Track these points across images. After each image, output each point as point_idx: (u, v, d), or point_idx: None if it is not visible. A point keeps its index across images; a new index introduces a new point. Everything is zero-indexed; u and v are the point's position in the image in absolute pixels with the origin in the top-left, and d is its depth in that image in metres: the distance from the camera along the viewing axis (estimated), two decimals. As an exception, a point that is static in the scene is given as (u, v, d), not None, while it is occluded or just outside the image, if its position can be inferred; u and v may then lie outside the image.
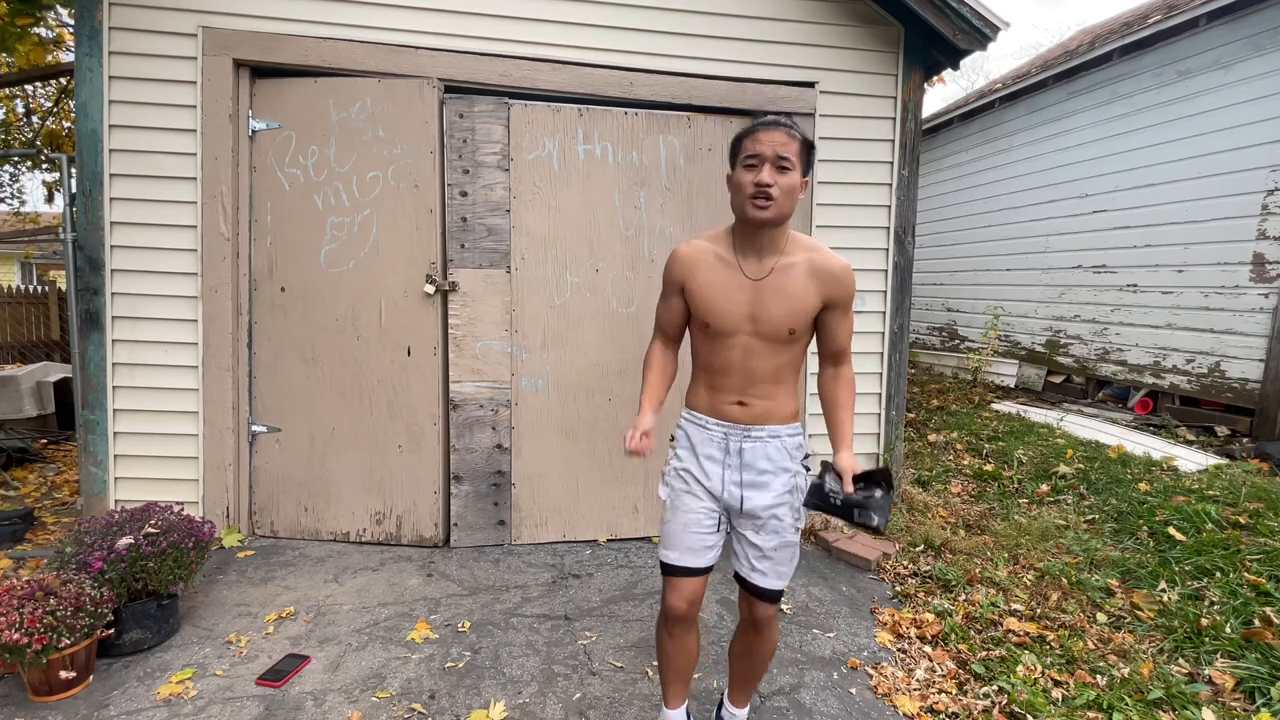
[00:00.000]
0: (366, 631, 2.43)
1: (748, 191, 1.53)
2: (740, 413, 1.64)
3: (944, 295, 8.18)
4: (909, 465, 4.36)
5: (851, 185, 3.43)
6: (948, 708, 2.07)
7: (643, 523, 3.35)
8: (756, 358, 1.62)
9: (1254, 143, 4.68)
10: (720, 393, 1.66)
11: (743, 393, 1.64)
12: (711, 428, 1.68)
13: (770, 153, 1.51)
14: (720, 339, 1.63)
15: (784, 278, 1.59)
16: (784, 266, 1.59)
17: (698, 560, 1.68)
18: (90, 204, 2.91)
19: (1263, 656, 2.22)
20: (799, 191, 1.55)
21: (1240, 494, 3.30)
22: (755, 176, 1.51)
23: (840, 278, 1.61)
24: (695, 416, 1.72)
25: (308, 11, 2.97)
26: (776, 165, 1.51)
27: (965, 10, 3.15)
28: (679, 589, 1.70)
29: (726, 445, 1.66)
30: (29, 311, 8.23)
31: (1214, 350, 4.96)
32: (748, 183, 1.53)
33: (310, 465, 3.16)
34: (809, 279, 1.59)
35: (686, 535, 1.69)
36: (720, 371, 1.65)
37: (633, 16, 3.16)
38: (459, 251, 3.12)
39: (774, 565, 1.68)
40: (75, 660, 2.02)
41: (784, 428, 1.67)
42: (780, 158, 1.51)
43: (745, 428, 1.65)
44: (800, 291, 1.59)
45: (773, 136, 1.52)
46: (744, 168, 1.55)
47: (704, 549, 1.68)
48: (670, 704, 1.84)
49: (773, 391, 1.65)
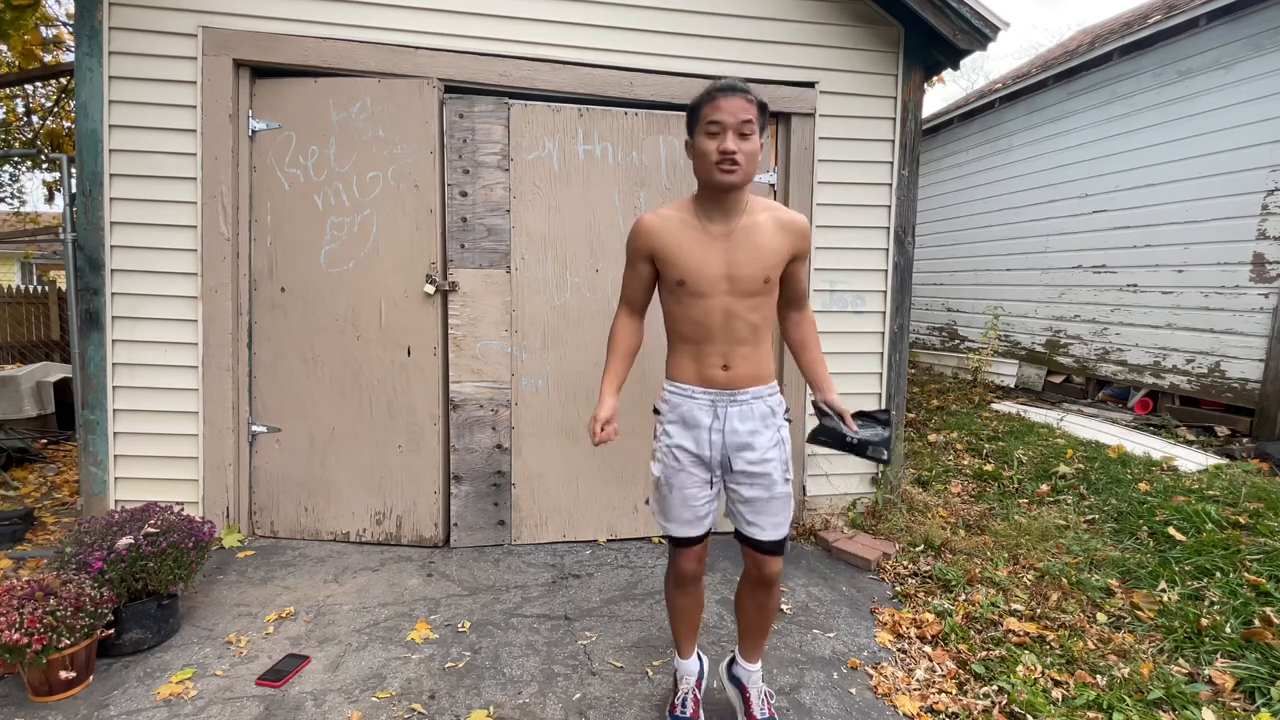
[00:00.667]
0: (366, 631, 2.43)
1: (713, 159, 1.57)
2: (725, 377, 1.71)
3: (944, 295, 8.18)
4: (909, 465, 4.35)
5: (851, 185, 3.43)
6: (948, 708, 2.07)
7: (643, 523, 3.35)
8: (735, 318, 1.68)
9: (1254, 143, 4.68)
10: (704, 359, 1.72)
11: (726, 356, 1.70)
12: (699, 396, 1.74)
13: (732, 120, 1.55)
14: (698, 301, 1.68)
15: (751, 234, 1.67)
16: (749, 224, 1.68)
17: (698, 529, 1.80)
18: (90, 204, 2.91)
19: (1263, 656, 2.22)
20: (759, 154, 1.62)
21: (1240, 494, 3.30)
22: (720, 144, 1.56)
23: (805, 231, 1.74)
24: (680, 388, 1.77)
25: (308, 11, 2.97)
26: (739, 132, 1.56)
27: (965, 10, 3.15)
28: (686, 554, 1.82)
29: (714, 410, 1.73)
30: (29, 311, 8.23)
31: (1214, 350, 4.96)
32: (712, 150, 1.57)
33: (310, 465, 3.16)
34: (777, 232, 1.69)
35: (684, 509, 1.78)
36: (703, 338, 1.71)
37: (633, 16, 3.16)
38: (459, 251, 3.12)
39: (769, 518, 1.76)
40: (75, 660, 2.02)
41: (764, 388, 1.76)
42: (742, 123, 1.55)
43: (731, 392, 1.72)
44: (770, 244, 1.67)
45: (733, 103, 1.55)
46: (706, 135, 1.59)
47: (701, 518, 1.79)
48: (685, 654, 1.97)
49: (753, 353, 1.72)
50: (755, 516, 1.76)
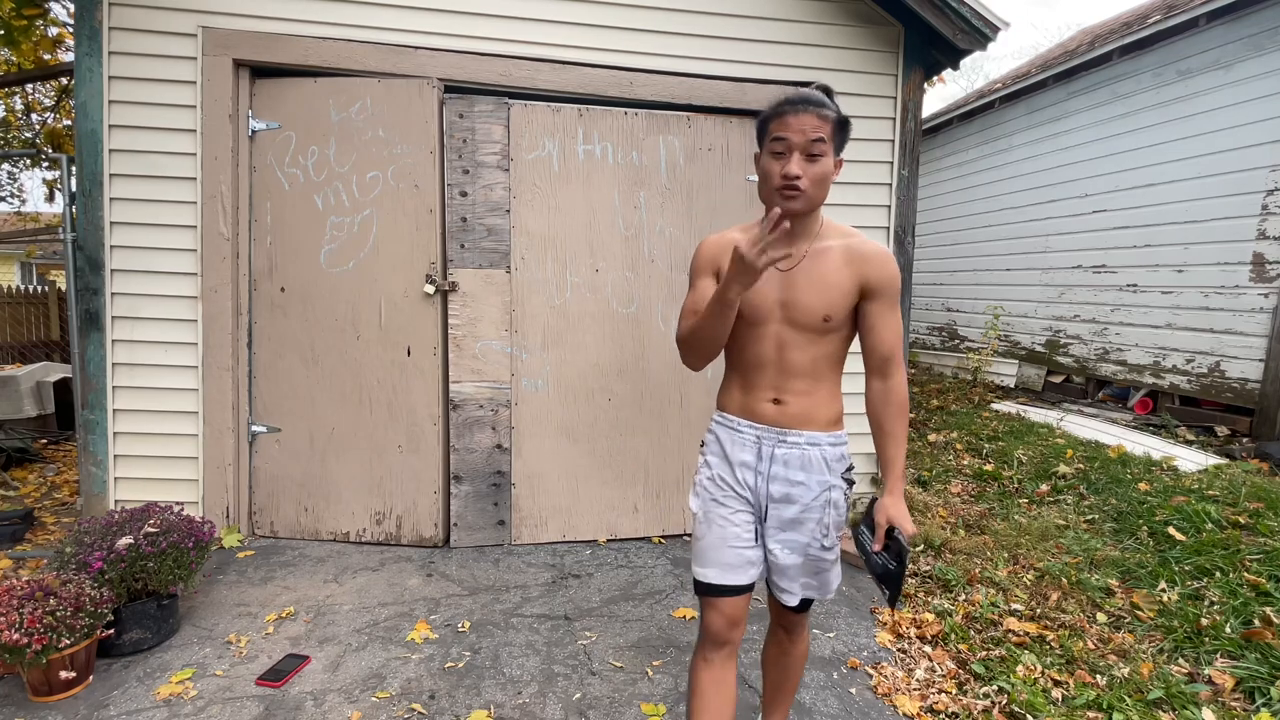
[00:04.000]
0: (366, 631, 2.43)
1: (775, 183, 1.39)
2: (775, 412, 1.49)
3: (944, 295, 8.18)
4: (909, 465, 4.35)
5: (851, 185, 3.42)
6: (948, 708, 2.07)
7: (643, 523, 3.35)
8: (791, 349, 1.46)
9: (1254, 143, 4.67)
10: (754, 390, 1.51)
11: (778, 389, 1.48)
12: (743, 429, 1.52)
13: (799, 140, 1.37)
14: (751, 329, 1.48)
15: (816, 262, 1.45)
16: (817, 251, 1.46)
17: (738, 577, 1.50)
18: (90, 204, 2.91)
19: (1263, 656, 2.22)
20: (832, 176, 1.43)
21: (1240, 494, 3.30)
22: (783, 167, 1.38)
23: (879, 260, 1.45)
24: (726, 419, 1.57)
25: (307, 11, 2.97)
26: (806, 154, 1.37)
27: (965, 10, 3.15)
28: (718, 607, 1.50)
29: (759, 450, 1.50)
30: (29, 311, 8.24)
31: (1214, 350, 4.96)
32: (775, 173, 1.39)
33: (310, 465, 3.16)
34: (844, 264, 1.45)
35: (724, 550, 1.50)
36: (753, 366, 1.51)
37: (633, 16, 3.16)
38: (459, 251, 3.11)
39: (797, 582, 1.55)
40: (75, 660, 2.02)
41: (824, 435, 1.49)
42: (811, 143, 1.36)
43: (780, 430, 1.49)
44: (835, 277, 1.44)
45: (803, 121, 1.37)
46: (771, 155, 1.41)
47: (745, 564, 1.50)
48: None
49: (811, 389, 1.48)
50: (783, 580, 1.55)
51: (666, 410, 3.33)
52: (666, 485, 3.36)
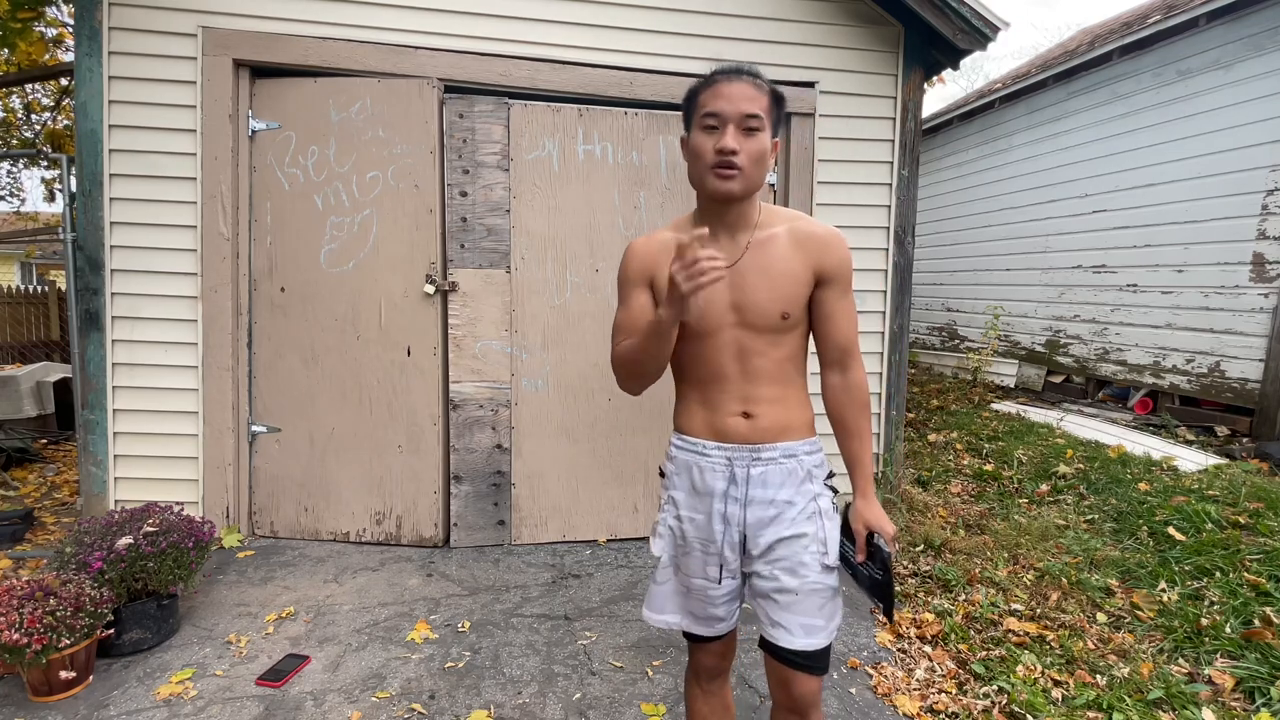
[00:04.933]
0: (366, 631, 2.43)
1: (708, 160, 1.23)
2: (746, 428, 1.32)
3: (944, 295, 8.18)
4: (909, 465, 4.35)
5: (851, 185, 3.43)
6: (947, 707, 2.07)
7: (643, 523, 3.35)
8: (753, 355, 1.31)
9: (1254, 143, 4.67)
10: (718, 406, 1.34)
11: (746, 400, 1.32)
12: (711, 452, 1.34)
13: (734, 111, 1.21)
14: (703, 339, 1.32)
15: (763, 253, 1.30)
16: (761, 241, 1.31)
17: (711, 629, 1.41)
18: (90, 204, 2.91)
19: (1263, 656, 2.22)
20: (770, 156, 1.27)
21: (1240, 494, 3.30)
22: (717, 141, 1.22)
23: (830, 243, 1.32)
24: (688, 442, 1.38)
25: (307, 11, 2.97)
26: (742, 127, 1.22)
27: (965, 10, 3.15)
28: (704, 650, 1.45)
29: (731, 473, 1.33)
30: (29, 311, 8.24)
31: (1214, 350, 4.96)
32: (708, 150, 1.23)
33: (310, 465, 3.16)
34: (794, 250, 1.31)
35: (690, 602, 1.40)
36: (712, 379, 1.33)
37: (633, 16, 3.16)
38: (459, 251, 3.11)
39: (798, 617, 1.30)
40: (75, 660, 2.02)
41: (800, 444, 1.35)
42: (747, 116, 1.21)
43: (753, 448, 1.32)
44: (785, 266, 1.30)
45: (736, 89, 1.22)
46: (702, 130, 1.25)
47: (714, 619, 1.39)
48: None
49: (782, 395, 1.33)
50: (779, 614, 1.31)
51: (666, 410, 3.30)
52: (666, 485, 3.35)
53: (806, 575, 1.31)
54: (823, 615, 1.33)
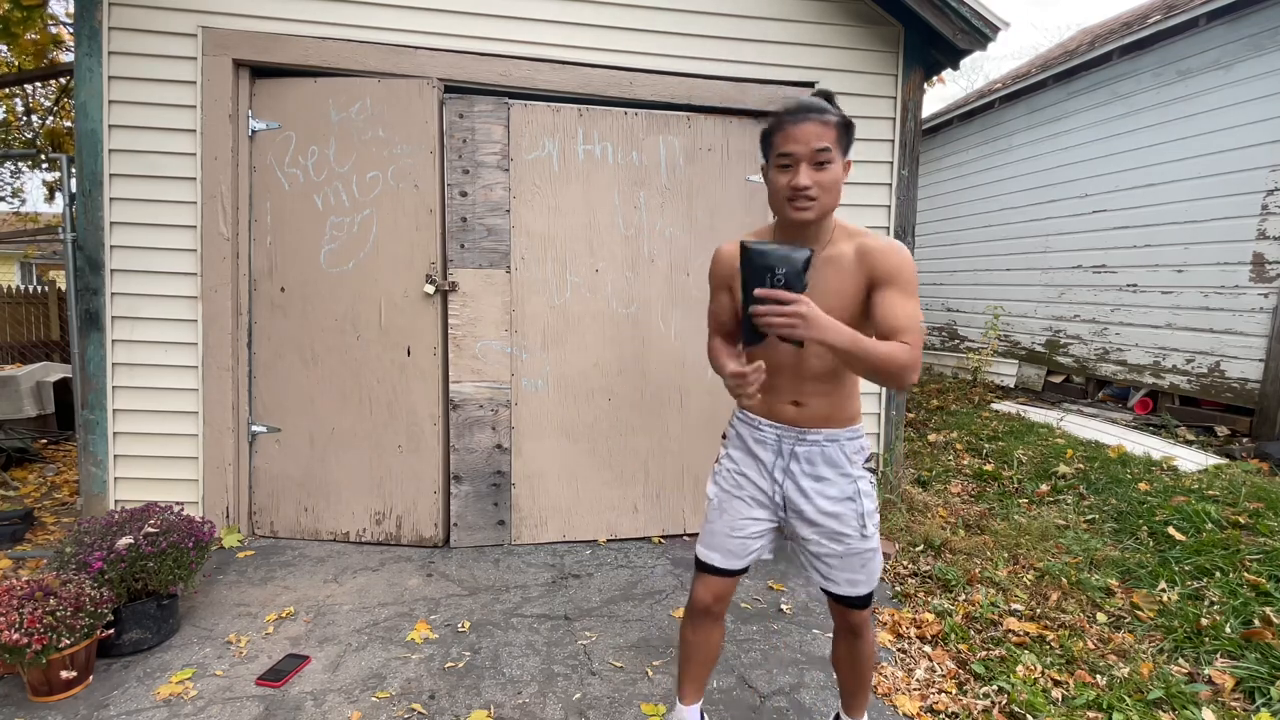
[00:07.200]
0: (366, 631, 2.43)
1: (784, 195, 1.41)
2: (795, 413, 1.55)
3: (944, 295, 8.18)
4: (909, 465, 4.35)
5: (851, 185, 3.39)
6: (948, 707, 2.07)
7: (643, 523, 3.35)
8: (809, 356, 1.49)
9: (1254, 143, 4.68)
10: (773, 392, 1.55)
11: (798, 392, 1.54)
12: (764, 428, 1.59)
13: (805, 150, 1.37)
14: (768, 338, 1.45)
15: (829, 267, 1.47)
16: (829, 257, 1.47)
17: (736, 564, 1.64)
18: (90, 204, 2.91)
19: (1262, 656, 2.22)
20: (842, 178, 1.43)
21: (1240, 494, 3.30)
22: (791, 179, 1.38)
23: (885, 251, 1.43)
24: (748, 417, 1.62)
25: (307, 11, 2.97)
26: (813, 162, 1.38)
27: (965, 10, 3.15)
28: (709, 585, 1.65)
29: (779, 448, 1.57)
30: (29, 311, 8.24)
31: (1214, 350, 4.96)
32: (784, 185, 1.40)
33: (310, 465, 3.16)
34: (856, 265, 1.46)
35: (730, 540, 1.62)
36: (773, 371, 1.50)
37: (633, 16, 3.16)
38: (459, 251, 3.11)
39: (844, 573, 1.58)
40: (75, 660, 2.02)
41: (843, 431, 1.56)
42: (817, 152, 1.37)
43: (800, 430, 1.55)
44: (849, 282, 1.46)
45: (805, 132, 1.36)
46: (777, 169, 1.42)
47: (745, 554, 1.63)
48: (685, 699, 1.75)
49: (830, 390, 1.53)
50: (828, 572, 1.60)
51: (666, 410, 3.33)
52: (666, 485, 3.36)
53: (848, 543, 1.56)
54: (864, 572, 1.58)
